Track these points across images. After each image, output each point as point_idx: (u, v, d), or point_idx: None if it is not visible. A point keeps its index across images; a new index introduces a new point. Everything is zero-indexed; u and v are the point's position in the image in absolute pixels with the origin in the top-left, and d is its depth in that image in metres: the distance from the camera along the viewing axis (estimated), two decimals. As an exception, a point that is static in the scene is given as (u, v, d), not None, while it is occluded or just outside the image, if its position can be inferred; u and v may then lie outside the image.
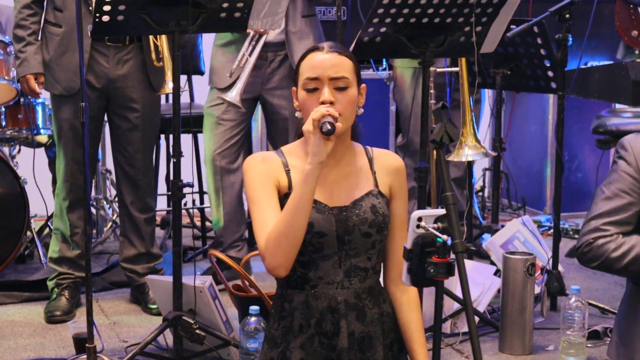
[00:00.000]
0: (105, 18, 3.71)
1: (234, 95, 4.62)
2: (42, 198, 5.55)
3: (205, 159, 5.12)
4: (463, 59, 4.82)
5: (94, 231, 5.94)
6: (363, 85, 2.84)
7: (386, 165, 2.86)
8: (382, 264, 2.89)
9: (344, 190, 2.78)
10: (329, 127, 2.59)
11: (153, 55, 4.55)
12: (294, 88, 2.83)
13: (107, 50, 4.52)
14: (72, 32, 4.43)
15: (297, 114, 2.82)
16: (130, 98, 4.59)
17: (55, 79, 4.54)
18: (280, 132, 5.02)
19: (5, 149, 5.59)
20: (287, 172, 2.77)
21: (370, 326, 2.78)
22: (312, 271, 2.74)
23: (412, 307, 2.88)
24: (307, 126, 2.64)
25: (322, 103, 2.69)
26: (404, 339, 2.87)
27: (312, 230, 2.70)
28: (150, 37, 4.52)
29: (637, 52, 6.20)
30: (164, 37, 4.50)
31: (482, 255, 5.25)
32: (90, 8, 4.34)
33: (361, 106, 2.83)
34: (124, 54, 4.54)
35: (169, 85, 4.53)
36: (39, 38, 4.54)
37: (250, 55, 4.68)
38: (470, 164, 5.17)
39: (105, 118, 4.78)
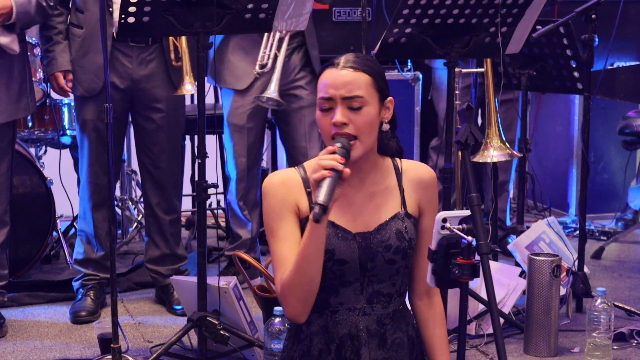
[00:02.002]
0: (131, 19, 3.72)
1: (272, 90, 4.58)
2: (68, 199, 5.58)
3: (229, 168, 5.08)
4: (488, 60, 4.80)
5: (119, 232, 5.96)
6: (390, 98, 2.68)
7: (416, 180, 2.74)
8: (408, 281, 2.79)
9: (369, 214, 2.66)
10: (317, 215, 2.39)
11: (172, 55, 4.55)
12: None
13: (130, 51, 4.53)
14: (92, 33, 4.45)
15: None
16: (155, 98, 4.60)
17: (77, 80, 4.56)
18: (294, 127, 4.95)
19: (32, 150, 5.62)
20: (309, 193, 2.63)
21: (391, 352, 2.69)
22: (333, 297, 2.65)
23: (437, 323, 2.81)
24: (313, 175, 2.47)
25: (334, 125, 2.56)
26: (427, 354, 2.80)
27: (334, 257, 2.60)
28: (170, 37, 4.52)
29: None
30: (183, 37, 4.50)
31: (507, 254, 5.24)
32: (111, 9, 4.36)
33: (387, 121, 2.69)
34: (147, 55, 4.55)
35: (187, 87, 4.52)
36: (66, 38, 4.56)
37: (278, 50, 4.67)
38: (495, 165, 5.15)
39: (130, 119, 4.79)
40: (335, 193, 2.44)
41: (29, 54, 5.08)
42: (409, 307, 2.83)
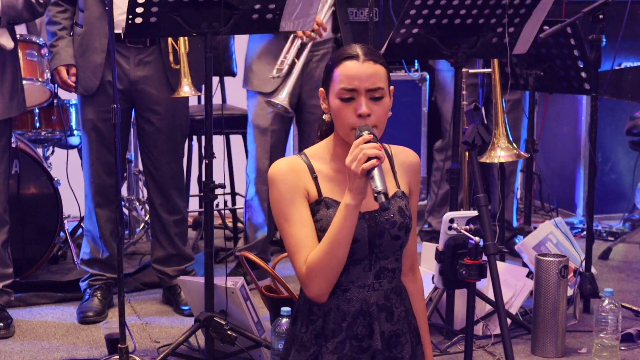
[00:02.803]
0: (138, 20, 3.73)
1: (283, 97, 4.61)
2: (75, 199, 5.58)
3: (248, 169, 5.08)
4: (495, 60, 4.80)
5: (127, 232, 5.96)
6: (391, 87, 2.78)
7: (406, 163, 2.84)
8: None
9: (371, 194, 2.71)
10: (384, 204, 2.54)
11: (171, 57, 4.55)
12: (321, 90, 2.78)
13: (128, 52, 4.53)
14: (91, 32, 4.47)
15: (325, 117, 2.79)
16: (152, 100, 4.60)
17: (77, 79, 4.57)
18: (311, 135, 4.98)
19: (39, 150, 5.63)
20: (315, 178, 2.73)
21: (398, 324, 2.77)
22: (344, 276, 2.72)
23: (419, 297, 2.90)
24: (353, 166, 2.55)
25: (360, 116, 2.64)
26: None
27: None
28: (169, 39, 4.52)
29: None
30: (181, 39, 4.49)
31: (515, 255, 5.24)
32: (107, 8, 4.35)
33: (389, 109, 2.79)
34: (144, 56, 4.55)
35: (185, 89, 4.50)
36: (70, 34, 4.57)
37: (297, 57, 4.69)
38: (502, 166, 5.15)
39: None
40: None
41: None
42: None
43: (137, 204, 6.08)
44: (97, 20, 4.44)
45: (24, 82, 4.65)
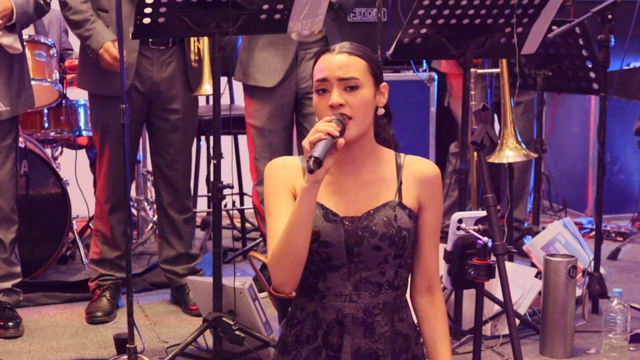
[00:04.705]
0: (146, 20, 3.73)
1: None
2: (84, 199, 5.59)
3: (251, 171, 5.02)
4: (504, 60, 4.79)
5: (135, 232, 5.97)
6: (384, 83, 2.70)
7: (418, 174, 2.69)
8: (408, 277, 2.75)
9: (360, 201, 2.65)
10: (312, 165, 2.43)
11: (192, 56, 4.56)
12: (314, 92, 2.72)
13: (151, 54, 4.53)
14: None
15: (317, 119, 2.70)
16: (172, 100, 4.60)
17: (106, 80, 4.51)
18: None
19: (48, 151, 5.64)
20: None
21: (379, 343, 2.65)
22: (321, 281, 2.65)
23: (439, 319, 2.75)
24: (305, 143, 2.51)
25: (331, 106, 2.58)
26: (428, 351, 2.76)
27: (318, 239, 2.60)
28: (192, 38, 4.52)
29: None
30: (205, 38, 4.50)
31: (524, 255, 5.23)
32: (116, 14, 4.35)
33: (382, 106, 2.70)
34: (167, 57, 4.56)
35: (206, 87, 4.52)
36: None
37: None
38: (511, 166, 5.14)
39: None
40: (328, 159, 2.46)
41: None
42: (410, 304, 2.79)
43: (146, 204, 6.09)
44: (126, 20, 4.32)
45: (33, 82, 4.66)
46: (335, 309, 2.65)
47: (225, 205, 6.02)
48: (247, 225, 6.08)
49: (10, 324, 4.42)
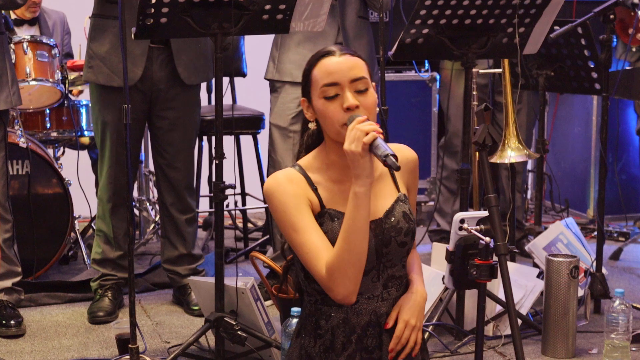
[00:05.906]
0: (149, 20, 3.73)
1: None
2: (86, 199, 5.60)
3: (269, 171, 4.98)
4: (506, 61, 4.79)
5: (137, 232, 5.97)
6: (373, 83, 2.70)
7: (403, 162, 2.72)
8: None
9: (373, 202, 2.63)
10: (395, 163, 2.43)
11: None
12: (303, 98, 2.70)
13: (151, 53, 4.54)
14: (128, 24, 4.34)
15: (311, 125, 2.69)
16: (171, 97, 4.60)
17: (114, 71, 4.48)
18: None
19: (50, 151, 5.64)
20: (315, 190, 2.65)
21: None
22: None
23: (412, 256, 2.81)
24: (353, 147, 2.48)
25: (348, 109, 2.57)
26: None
27: None
28: None
29: (634, 49, 6.15)
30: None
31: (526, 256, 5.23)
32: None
33: (376, 103, 2.71)
34: (166, 55, 4.56)
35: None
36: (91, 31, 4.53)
37: None
38: (512, 166, 5.14)
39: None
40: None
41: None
42: None
43: (148, 204, 6.09)
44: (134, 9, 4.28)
45: (35, 82, 4.65)
46: (369, 312, 2.67)
47: (227, 206, 6.02)
48: (249, 225, 6.09)
49: (12, 322, 4.42)
